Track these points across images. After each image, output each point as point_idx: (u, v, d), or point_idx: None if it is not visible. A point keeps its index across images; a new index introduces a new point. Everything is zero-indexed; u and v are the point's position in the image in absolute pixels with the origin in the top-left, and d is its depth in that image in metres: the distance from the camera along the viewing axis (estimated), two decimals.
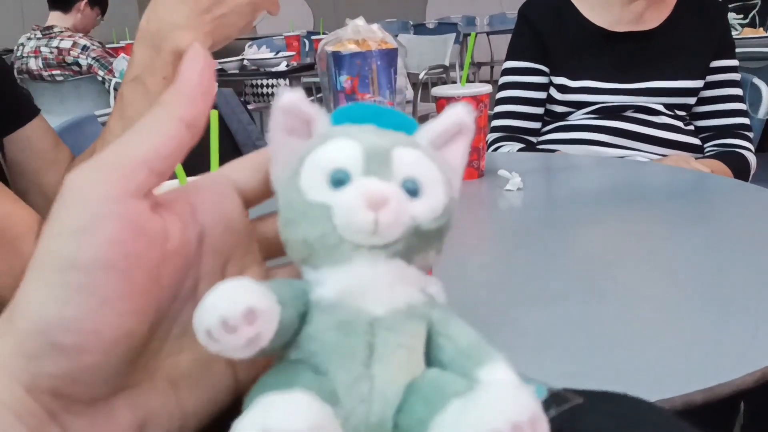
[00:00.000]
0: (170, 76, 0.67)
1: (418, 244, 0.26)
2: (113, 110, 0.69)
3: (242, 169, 0.29)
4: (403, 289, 0.26)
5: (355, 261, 0.25)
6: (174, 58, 0.66)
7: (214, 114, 0.59)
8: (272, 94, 3.62)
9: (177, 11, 0.67)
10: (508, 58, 1.50)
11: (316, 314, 0.25)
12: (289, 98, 0.28)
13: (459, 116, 0.29)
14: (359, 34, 1.00)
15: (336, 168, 0.26)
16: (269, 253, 0.30)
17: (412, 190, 0.26)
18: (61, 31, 3.07)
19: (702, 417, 0.28)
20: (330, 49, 1.01)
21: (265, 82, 3.72)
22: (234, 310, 0.22)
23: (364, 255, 0.25)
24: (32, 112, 0.85)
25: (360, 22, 1.01)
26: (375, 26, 1.01)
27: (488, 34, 6.46)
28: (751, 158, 1.41)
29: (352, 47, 0.99)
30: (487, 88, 1.06)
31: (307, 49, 3.88)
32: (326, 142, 0.27)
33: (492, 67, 6.54)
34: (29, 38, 3.12)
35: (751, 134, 1.45)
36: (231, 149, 1.40)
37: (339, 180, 0.25)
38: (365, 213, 0.24)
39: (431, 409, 0.22)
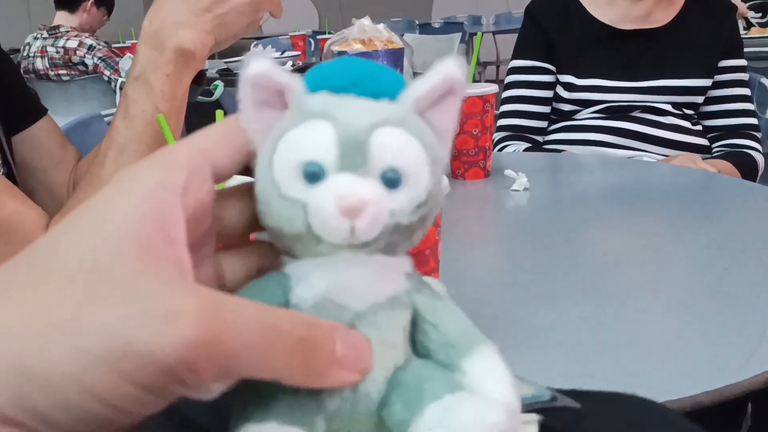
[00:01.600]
0: (172, 73, 0.67)
1: (401, 237, 0.25)
2: (118, 108, 0.70)
3: (217, 148, 0.25)
4: (384, 282, 0.25)
5: (334, 258, 0.24)
6: (176, 55, 0.67)
7: (220, 113, 0.59)
8: None
9: (178, 10, 0.68)
10: (515, 56, 1.50)
11: None
12: (257, 68, 0.24)
13: (449, 72, 0.25)
14: (365, 33, 1.00)
15: (309, 160, 0.24)
16: (225, 241, 0.28)
17: (393, 180, 0.24)
18: (68, 31, 3.08)
19: (709, 418, 0.27)
20: (336, 48, 1.01)
21: None
22: None
23: (344, 252, 0.24)
24: (40, 111, 0.85)
25: (366, 21, 1.01)
26: (381, 26, 1.01)
27: (494, 33, 6.45)
28: (759, 158, 1.41)
29: (358, 47, 1.00)
30: (493, 87, 1.05)
31: (312, 48, 3.88)
32: (299, 125, 0.24)
33: (498, 67, 6.53)
34: (35, 38, 3.12)
35: (759, 134, 1.45)
36: None
37: (313, 174, 0.24)
38: (340, 220, 0.23)
39: (410, 412, 0.23)
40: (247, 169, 0.26)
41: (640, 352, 0.55)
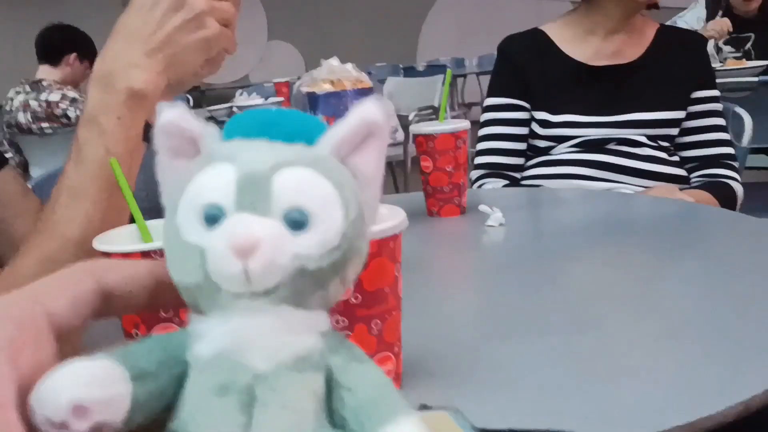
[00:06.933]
0: (125, 115, 0.66)
1: (310, 285, 0.23)
2: (70, 154, 0.68)
3: (56, 297, 0.24)
4: (292, 339, 0.23)
5: (236, 311, 0.22)
6: (127, 97, 0.66)
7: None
8: None
9: (129, 51, 0.67)
10: (489, 94, 1.51)
11: (192, 376, 0.23)
12: (168, 116, 0.24)
13: (368, 115, 0.24)
14: (334, 73, 1.00)
15: (208, 203, 0.23)
16: None
17: (298, 222, 0.22)
18: (50, 85, 3.09)
19: None
20: (305, 89, 1.01)
21: None
22: (57, 408, 0.20)
23: (246, 303, 0.22)
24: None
25: (334, 62, 1.01)
26: (349, 65, 1.01)
27: (478, 74, 6.54)
28: (738, 188, 1.40)
29: (327, 87, 0.99)
30: (465, 123, 1.05)
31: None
32: (203, 169, 0.24)
33: (483, 107, 6.61)
34: (18, 92, 3.13)
35: (736, 164, 1.45)
36: None
37: (213, 217, 0.22)
38: (233, 262, 0.22)
39: None
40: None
41: (615, 386, 0.53)
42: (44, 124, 3.08)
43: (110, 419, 0.21)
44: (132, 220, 0.58)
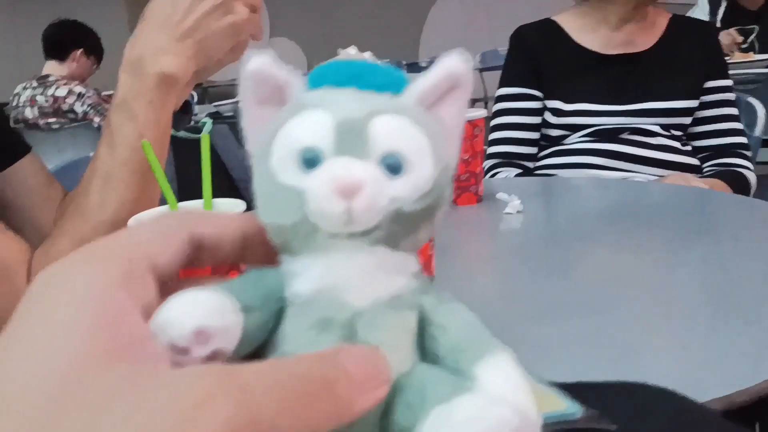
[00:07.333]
0: (156, 99, 0.67)
1: (404, 228, 0.23)
2: (102, 137, 0.69)
3: (154, 243, 0.24)
4: (387, 278, 0.23)
5: (333, 250, 0.23)
6: (158, 81, 0.67)
7: (206, 137, 0.58)
8: None
9: (159, 36, 0.67)
10: (502, 84, 1.51)
11: (291, 312, 0.23)
12: (257, 63, 0.24)
13: (453, 67, 0.25)
14: None
15: (306, 147, 0.23)
16: None
17: (394, 166, 0.23)
18: (57, 80, 3.09)
19: None
20: None
21: None
22: (182, 333, 0.20)
23: (343, 243, 0.23)
24: (23, 149, 0.84)
25: (352, 51, 1.01)
26: (367, 54, 1.01)
27: (481, 70, 6.53)
28: (751, 176, 1.40)
29: None
30: (481, 112, 1.05)
31: None
32: (296, 115, 0.24)
33: (486, 103, 6.60)
34: (25, 88, 3.14)
35: (749, 153, 1.45)
36: (227, 185, 1.39)
37: (310, 160, 0.23)
38: (336, 202, 0.22)
39: (413, 418, 0.21)
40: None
41: (643, 366, 0.53)
42: (51, 120, 3.09)
43: (225, 347, 0.21)
44: (164, 202, 0.59)
